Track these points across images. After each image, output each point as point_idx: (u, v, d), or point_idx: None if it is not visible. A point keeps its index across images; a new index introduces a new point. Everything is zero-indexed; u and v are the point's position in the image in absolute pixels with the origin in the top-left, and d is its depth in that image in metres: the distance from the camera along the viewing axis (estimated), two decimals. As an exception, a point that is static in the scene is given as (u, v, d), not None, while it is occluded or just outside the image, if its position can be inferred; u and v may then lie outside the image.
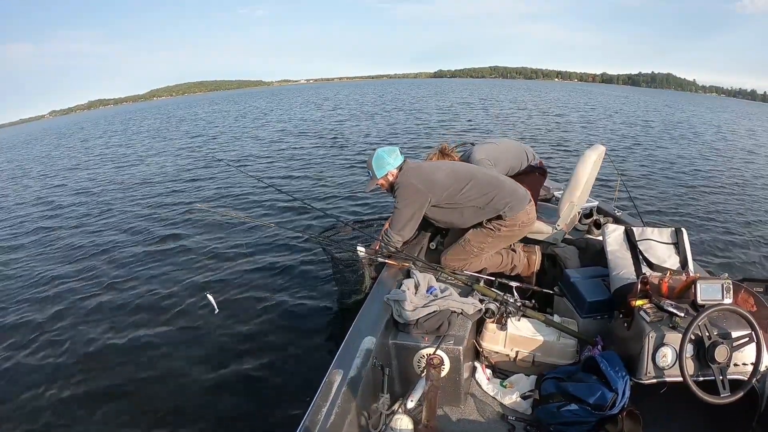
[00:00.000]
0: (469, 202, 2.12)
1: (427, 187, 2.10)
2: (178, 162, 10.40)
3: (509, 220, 2.14)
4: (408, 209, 2.11)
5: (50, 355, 3.05)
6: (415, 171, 2.15)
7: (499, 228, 2.15)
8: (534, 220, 2.25)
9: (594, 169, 2.28)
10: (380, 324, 1.64)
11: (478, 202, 2.12)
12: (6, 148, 22.15)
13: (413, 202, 2.10)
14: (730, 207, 5.66)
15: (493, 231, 2.16)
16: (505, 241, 2.23)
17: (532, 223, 2.24)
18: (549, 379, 1.64)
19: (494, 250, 2.25)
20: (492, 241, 2.19)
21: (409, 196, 2.10)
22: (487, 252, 2.22)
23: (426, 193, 2.10)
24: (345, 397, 1.29)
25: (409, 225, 2.13)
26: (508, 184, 2.20)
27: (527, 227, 2.23)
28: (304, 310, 3.26)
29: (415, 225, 2.16)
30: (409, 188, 2.10)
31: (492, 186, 2.14)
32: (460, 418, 1.64)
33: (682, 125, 15.96)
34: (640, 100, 32.89)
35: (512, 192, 2.15)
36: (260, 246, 4.55)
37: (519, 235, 2.26)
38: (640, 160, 8.68)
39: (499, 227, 2.15)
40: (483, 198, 2.11)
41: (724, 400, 1.33)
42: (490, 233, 2.17)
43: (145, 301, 3.63)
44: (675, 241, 1.92)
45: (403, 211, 2.12)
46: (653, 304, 1.50)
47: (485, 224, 2.18)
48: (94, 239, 5.51)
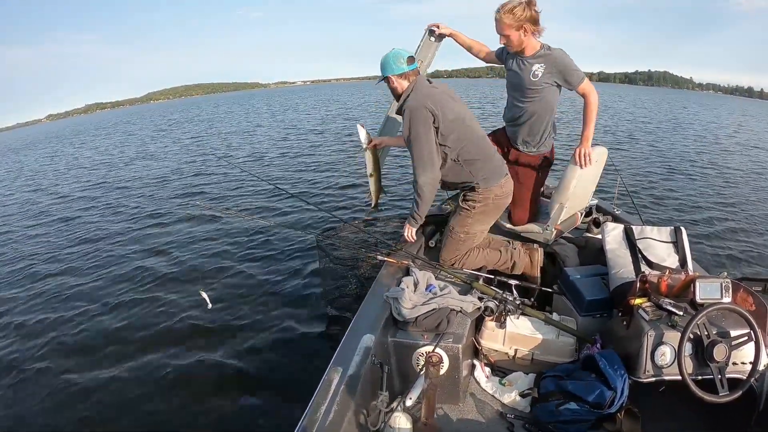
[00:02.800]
0: (453, 152, 1.98)
1: (435, 104, 1.90)
2: (179, 162, 10.41)
3: (481, 193, 2.05)
4: (421, 137, 1.90)
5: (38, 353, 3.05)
6: (426, 90, 1.95)
7: (473, 205, 2.08)
8: (509, 194, 2.15)
9: (593, 170, 2.23)
10: (379, 322, 1.64)
11: (462, 155, 1.99)
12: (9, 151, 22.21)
13: (423, 124, 1.90)
14: (730, 206, 5.67)
15: (469, 211, 2.10)
16: (484, 217, 2.13)
17: (507, 196, 2.14)
18: (548, 377, 1.64)
19: (480, 230, 2.16)
20: (472, 222, 2.11)
21: (418, 119, 1.89)
22: (474, 235, 2.15)
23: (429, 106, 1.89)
24: (344, 395, 1.28)
25: (431, 156, 1.92)
26: (496, 156, 2.10)
27: (502, 200, 2.12)
28: (304, 308, 3.26)
29: (435, 153, 1.94)
30: (418, 112, 1.89)
31: (482, 152, 2.03)
32: (458, 416, 1.64)
33: (682, 123, 15.97)
34: (637, 99, 32.83)
35: (493, 164, 2.06)
36: (258, 244, 4.55)
37: (496, 210, 2.14)
38: (640, 157, 8.70)
39: (473, 205, 2.08)
40: (468, 156, 1.99)
41: (723, 399, 1.33)
42: (467, 214, 2.10)
43: (139, 299, 3.63)
44: (674, 240, 1.92)
45: (417, 140, 1.91)
46: (652, 302, 1.50)
47: (461, 204, 2.12)
48: (89, 235, 5.51)
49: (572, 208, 2.29)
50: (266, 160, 9.54)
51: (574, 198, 2.22)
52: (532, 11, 1.98)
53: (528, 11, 1.97)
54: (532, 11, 1.98)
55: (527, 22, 1.98)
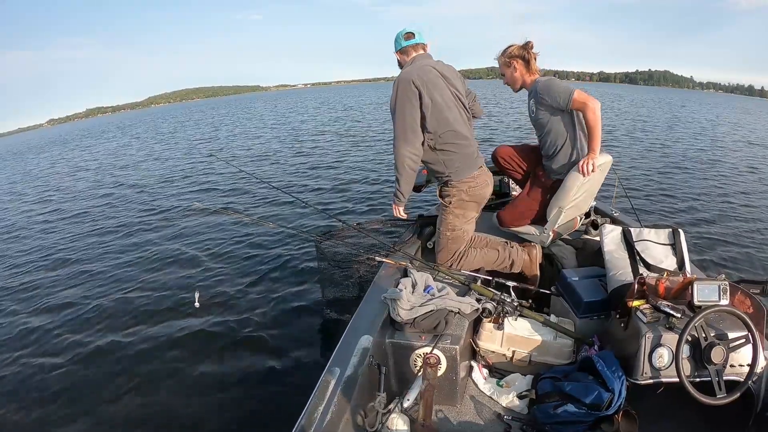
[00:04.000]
0: (431, 138, 1.96)
1: (424, 83, 1.87)
2: (182, 163, 10.45)
3: (454, 186, 2.05)
4: (404, 109, 1.89)
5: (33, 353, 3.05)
6: (420, 66, 1.94)
7: (449, 201, 2.08)
8: (484, 186, 2.12)
9: (597, 177, 2.21)
10: (377, 323, 1.64)
11: (439, 143, 1.97)
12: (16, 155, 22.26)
13: (406, 97, 1.88)
14: (728, 208, 5.67)
15: (446, 207, 2.10)
16: (462, 212, 2.11)
17: (483, 187, 2.11)
18: (545, 378, 1.64)
19: (463, 226, 2.14)
20: (453, 218, 2.10)
21: (402, 91, 1.89)
22: (460, 231, 2.13)
23: (417, 82, 1.86)
24: (341, 396, 1.28)
25: (413, 129, 1.91)
26: (471, 147, 2.07)
27: (478, 191, 2.09)
28: (301, 309, 3.25)
29: (417, 128, 1.92)
30: (404, 84, 1.88)
31: (460, 144, 2.01)
32: (456, 417, 1.64)
33: (681, 123, 15.96)
34: (637, 98, 32.80)
35: (466, 155, 2.04)
36: (256, 244, 4.55)
37: (473, 202, 2.11)
38: (638, 159, 8.69)
39: (449, 200, 2.08)
40: (444, 146, 1.98)
41: (720, 401, 1.33)
42: (445, 211, 2.11)
43: (137, 300, 3.63)
44: (672, 242, 1.92)
45: (399, 112, 1.90)
46: (650, 304, 1.50)
47: (440, 200, 2.13)
48: (87, 237, 5.51)
49: (571, 213, 2.28)
50: (267, 162, 9.55)
51: (578, 202, 2.22)
52: (524, 51, 2.12)
53: (518, 51, 2.12)
54: (524, 51, 2.12)
55: (516, 59, 2.13)
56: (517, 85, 2.20)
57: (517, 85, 2.20)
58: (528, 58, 2.12)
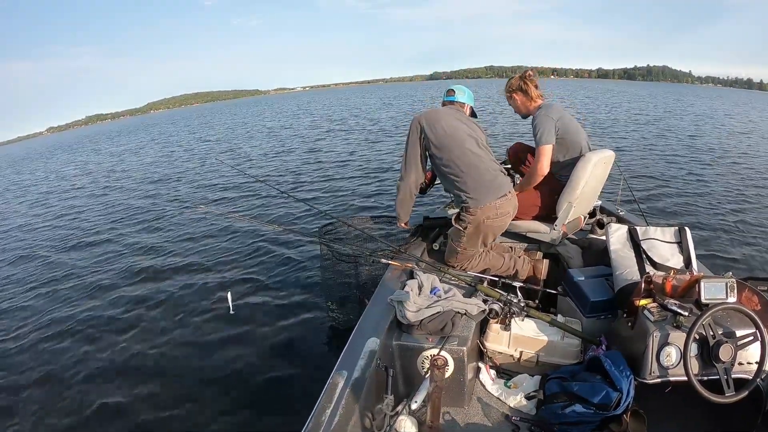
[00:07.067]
0: (440, 162, 2.08)
1: (428, 121, 2.09)
2: (186, 166, 10.49)
3: (472, 213, 2.01)
4: (408, 144, 2.14)
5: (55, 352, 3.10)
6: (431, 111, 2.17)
7: (465, 226, 2.05)
8: (506, 215, 2.09)
9: (600, 173, 2.24)
10: (384, 325, 1.64)
11: (449, 166, 2.05)
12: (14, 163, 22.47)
13: (411, 133, 2.12)
14: (733, 205, 5.62)
15: (461, 231, 2.07)
16: (476, 240, 2.09)
17: (503, 217, 2.08)
18: (553, 379, 1.63)
19: (474, 248, 2.12)
20: (466, 240, 2.08)
21: (410, 128, 2.14)
22: (471, 251, 2.12)
23: (422, 121, 2.09)
24: (349, 398, 1.29)
25: (412, 162, 2.14)
26: (489, 173, 2.05)
27: (497, 221, 2.06)
28: (308, 311, 3.26)
29: (415, 163, 2.13)
30: (412, 123, 2.14)
31: (471, 168, 2.03)
32: (464, 419, 1.64)
33: (681, 121, 15.84)
34: (636, 94, 32.60)
35: (485, 181, 2.03)
36: (262, 247, 4.56)
37: (489, 232, 2.09)
38: (643, 157, 8.65)
39: (464, 225, 2.05)
40: (453, 170, 2.05)
41: (729, 399, 1.32)
42: (459, 233, 2.08)
43: (147, 301, 3.65)
44: (678, 240, 1.91)
45: (406, 146, 2.15)
46: (657, 303, 1.50)
47: (457, 220, 2.11)
48: (96, 237, 5.54)
49: (578, 210, 2.29)
50: (271, 164, 9.58)
51: (582, 199, 2.24)
52: (521, 82, 2.33)
53: (516, 83, 2.35)
54: (521, 82, 2.33)
55: (515, 92, 2.36)
56: (521, 113, 2.42)
57: (522, 113, 2.42)
58: (526, 88, 2.32)
